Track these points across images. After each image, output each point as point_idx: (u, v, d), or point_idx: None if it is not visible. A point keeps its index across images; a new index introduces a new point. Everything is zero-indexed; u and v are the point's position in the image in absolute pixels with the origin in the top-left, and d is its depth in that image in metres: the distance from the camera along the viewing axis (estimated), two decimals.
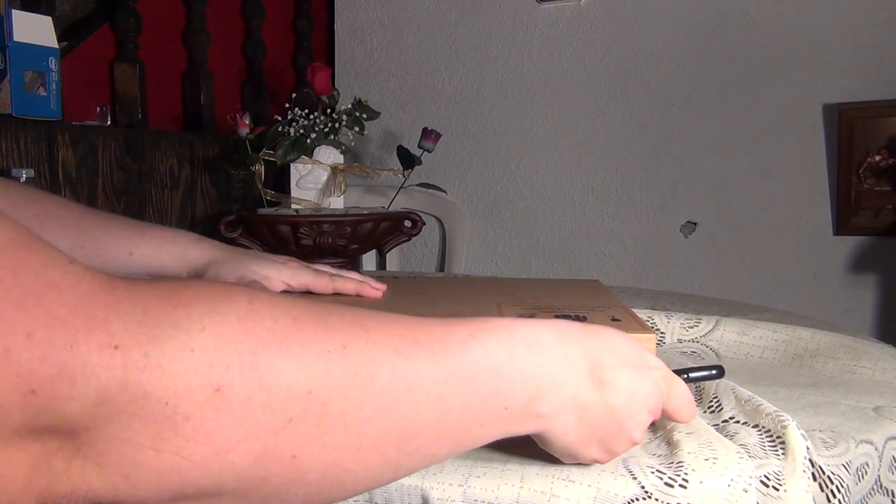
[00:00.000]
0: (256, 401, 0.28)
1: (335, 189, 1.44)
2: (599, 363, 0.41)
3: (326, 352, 0.31)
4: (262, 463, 0.29)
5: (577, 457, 0.43)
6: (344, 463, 0.32)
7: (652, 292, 1.08)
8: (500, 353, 0.37)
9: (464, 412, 0.35)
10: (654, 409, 0.43)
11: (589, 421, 0.40)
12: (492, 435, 0.38)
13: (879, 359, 0.68)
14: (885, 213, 1.58)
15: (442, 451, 0.36)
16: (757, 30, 1.68)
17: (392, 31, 2.04)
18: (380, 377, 0.32)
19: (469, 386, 0.36)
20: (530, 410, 0.38)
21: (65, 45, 1.42)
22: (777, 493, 0.43)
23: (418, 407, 0.33)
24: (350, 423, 0.31)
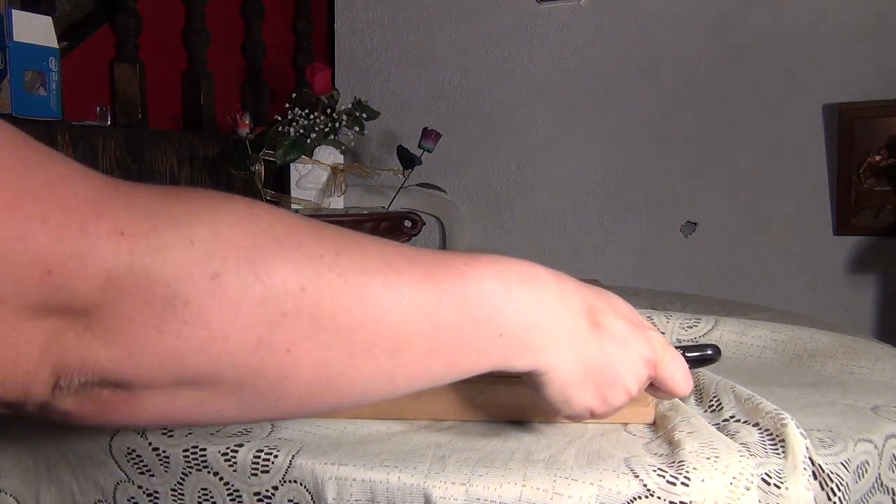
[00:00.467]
0: (252, 293, 0.30)
1: (335, 189, 1.44)
2: (596, 308, 0.41)
3: (320, 256, 0.32)
4: (258, 354, 0.30)
5: (571, 403, 0.42)
6: (336, 365, 0.33)
7: (652, 292, 1.08)
8: (495, 282, 0.38)
9: (457, 332, 0.36)
10: (649, 364, 0.43)
11: (585, 362, 0.40)
12: (486, 362, 0.38)
13: (878, 359, 0.68)
14: (885, 213, 1.58)
15: (436, 370, 0.36)
16: (757, 30, 1.68)
17: (392, 31, 2.04)
18: (372, 286, 0.33)
19: (462, 307, 0.36)
20: (526, 342, 0.38)
21: (65, 45, 1.43)
22: (778, 491, 0.43)
23: (410, 318, 0.34)
24: (342, 325, 0.32)
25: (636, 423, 0.52)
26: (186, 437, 0.51)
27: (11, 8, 1.20)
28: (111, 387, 0.30)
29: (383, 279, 0.34)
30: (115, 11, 1.55)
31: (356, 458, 0.46)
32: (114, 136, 1.40)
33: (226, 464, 0.49)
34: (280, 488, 0.47)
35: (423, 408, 0.53)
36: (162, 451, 0.50)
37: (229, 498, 0.49)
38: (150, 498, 0.51)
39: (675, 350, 0.45)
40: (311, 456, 0.47)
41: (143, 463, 0.51)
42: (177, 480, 0.50)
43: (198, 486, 0.50)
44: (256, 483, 0.48)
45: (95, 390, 0.30)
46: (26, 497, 0.58)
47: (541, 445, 0.48)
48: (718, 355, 0.51)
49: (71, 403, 0.30)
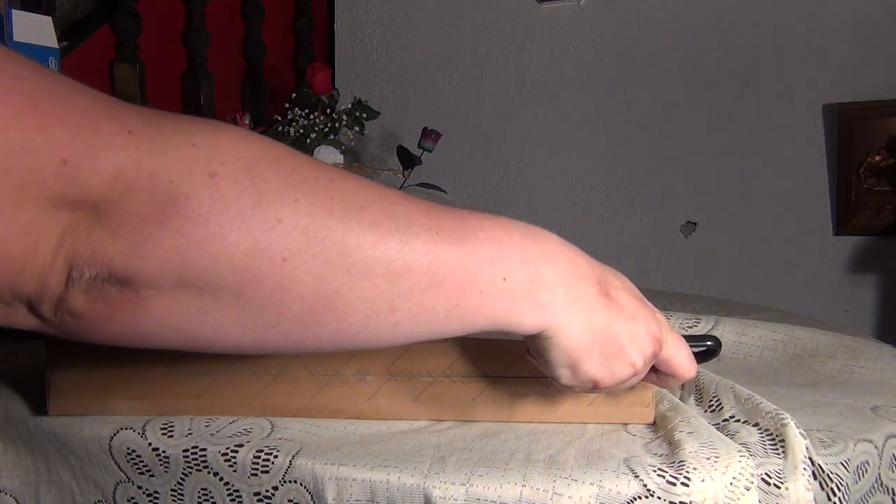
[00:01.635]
0: (248, 196, 0.31)
1: None
2: (606, 280, 0.41)
3: (315, 178, 0.33)
4: (255, 258, 0.31)
5: (577, 370, 0.41)
6: (334, 282, 0.33)
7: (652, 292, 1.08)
8: (497, 228, 0.38)
9: (458, 267, 0.36)
10: (655, 341, 0.42)
11: (594, 329, 0.40)
12: (491, 309, 0.37)
13: (878, 358, 0.68)
14: (885, 213, 1.58)
15: (439, 308, 0.36)
16: (757, 30, 1.68)
17: (392, 31, 2.04)
18: (367, 210, 0.34)
19: (463, 244, 0.36)
20: (532, 294, 0.38)
21: (65, 45, 1.42)
22: (779, 492, 0.43)
23: (409, 246, 0.34)
24: (337, 241, 0.33)
25: (636, 423, 0.52)
26: (186, 438, 0.51)
27: (11, 8, 1.20)
28: (118, 285, 0.31)
29: (379, 207, 0.34)
30: (115, 11, 1.55)
31: (356, 458, 0.46)
32: None
33: (226, 464, 0.49)
34: (280, 488, 0.47)
35: (423, 408, 0.53)
36: (162, 452, 0.50)
37: (229, 498, 0.49)
38: (150, 498, 0.51)
39: (680, 336, 0.45)
40: (311, 456, 0.47)
41: (142, 463, 0.51)
42: (177, 481, 0.50)
43: (198, 487, 0.50)
44: (256, 483, 0.48)
45: (105, 288, 0.31)
46: (26, 497, 0.58)
47: (541, 446, 0.48)
48: (719, 347, 0.51)
49: (83, 302, 0.31)
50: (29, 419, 0.57)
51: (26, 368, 0.62)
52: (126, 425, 0.52)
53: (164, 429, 0.52)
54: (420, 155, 1.52)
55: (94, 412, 0.55)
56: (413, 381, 0.52)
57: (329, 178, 0.34)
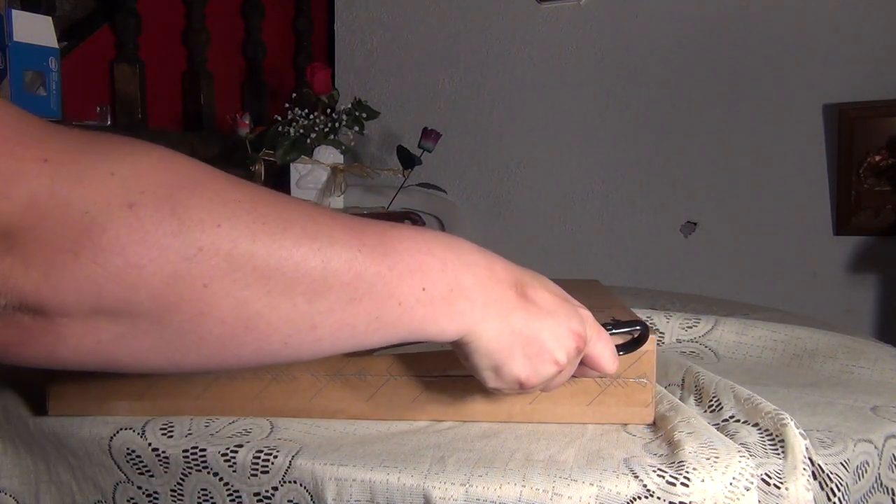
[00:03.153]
0: (167, 225, 0.31)
1: (335, 189, 1.44)
2: (523, 282, 0.42)
3: (237, 201, 0.33)
4: (174, 286, 0.31)
5: (500, 372, 0.42)
6: (254, 304, 0.33)
7: (652, 292, 1.08)
8: (417, 240, 0.39)
9: (378, 281, 0.36)
10: (577, 337, 0.43)
11: (512, 330, 0.41)
12: (412, 319, 0.38)
13: (878, 359, 0.68)
14: (885, 213, 1.58)
15: (359, 323, 0.36)
16: (757, 30, 1.68)
17: (392, 31, 2.04)
18: (290, 231, 0.34)
19: (384, 259, 0.37)
20: (451, 302, 0.39)
21: (65, 45, 1.43)
22: (778, 492, 0.43)
23: (329, 264, 0.35)
24: (259, 265, 0.33)
25: (636, 423, 0.52)
26: (186, 438, 0.51)
27: (11, 8, 1.20)
28: (30, 313, 0.31)
29: (302, 227, 0.35)
30: (115, 11, 1.55)
31: (356, 459, 0.46)
32: None
33: (225, 464, 0.49)
34: (280, 489, 0.47)
35: (423, 408, 0.53)
36: (161, 452, 0.50)
37: (229, 498, 0.49)
38: (150, 498, 0.51)
39: (605, 330, 0.46)
40: (310, 456, 0.47)
41: (142, 463, 0.51)
42: (176, 481, 0.50)
43: (197, 487, 0.50)
44: (256, 483, 0.48)
45: (17, 316, 0.31)
46: (26, 497, 0.58)
47: (540, 446, 0.48)
48: (647, 331, 0.51)
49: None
50: (29, 419, 0.57)
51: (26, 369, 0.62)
52: (126, 425, 0.52)
53: (163, 429, 0.52)
54: (420, 155, 1.52)
55: (93, 412, 0.55)
56: (413, 381, 0.52)
57: (252, 201, 0.34)
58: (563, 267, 1.90)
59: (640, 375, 0.51)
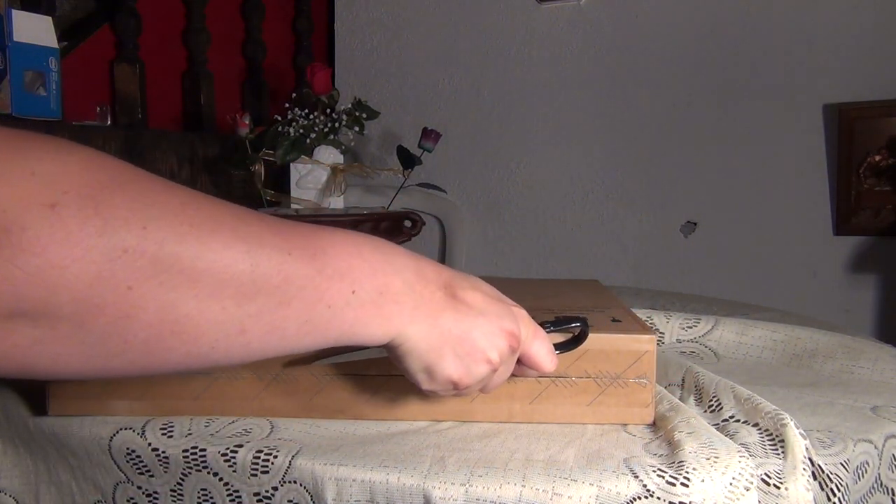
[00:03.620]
0: (91, 226, 0.30)
1: (335, 189, 1.44)
2: (453, 283, 0.43)
3: (164, 203, 0.33)
4: (97, 288, 0.31)
5: (432, 373, 0.42)
6: (181, 308, 0.33)
7: (652, 292, 1.08)
8: (347, 243, 0.39)
9: (308, 285, 0.36)
10: (510, 336, 0.43)
11: (442, 331, 0.41)
12: (342, 322, 0.38)
13: (878, 359, 0.68)
14: (885, 213, 1.58)
15: (290, 326, 0.36)
16: (757, 30, 1.68)
17: (392, 31, 2.04)
18: (219, 233, 0.34)
19: (313, 261, 0.37)
20: (380, 305, 0.39)
21: (65, 45, 1.42)
22: (778, 492, 0.43)
23: (259, 268, 0.34)
24: (186, 267, 0.32)
25: (636, 423, 0.52)
26: (186, 438, 0.51)
27: (11, 8, 1.20)
28: None
29: (231, 229, 0.34)
30: (115, 11, 1.55)
31: (356, 459, 0.46)
32: (114, 136, 1.40)
33: (225, 464, 0.49)
34: (280, 489, 0.47)
35: (423, 408, 0.53)
36: (161, 452, 0.50)
37: (229, 498, 0.49)
38: (150, 498, 0.51)
39: (541, 329, 0.46)
40: (310, 456, 0.47)
41: (142, 463, 0.51)
42: (176, 481, 0.50)
43: (197, 487, 0.50)
44: (256, 483, 0.48)
45: None
46: (26, 497, 0.58)
47: (540, 446, 0.48)
48: (587, 328, 0.51)
49: None
50: (29, 419, 0.57)
51: None
52: (126, 425, 0.52)
53: (163, 429, 0.52)
54: (420, 155, 1.52)
55: (93, 412, 0.55)
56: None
57: (181, 203, 0.33)
58: (563, 267, 1.90)
59: (639, 376, 0.52)
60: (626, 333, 0.52)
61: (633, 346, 0.51)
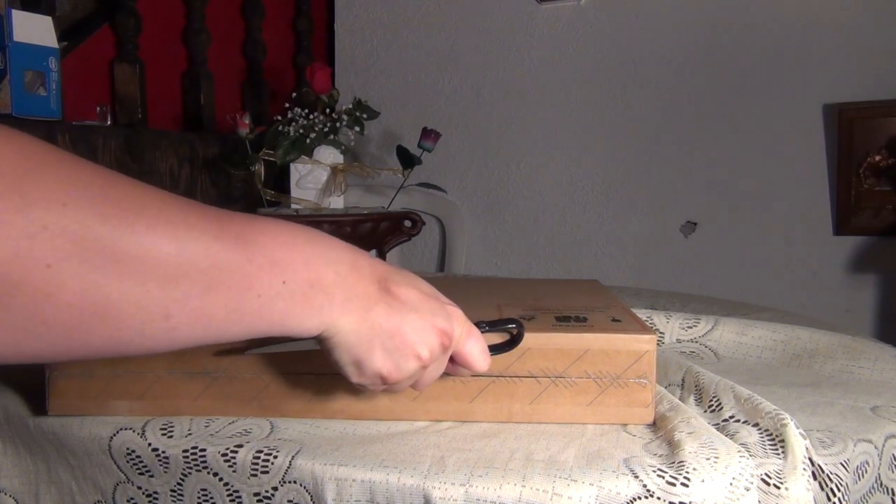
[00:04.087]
0: (9, 202, 0.30)
1: (335, 189, 1.44)
2: (388, 278, 0.42)
3: (88, 183, 0.32)
4: (16, 265, 0.30)
5: (361, 366, 0.42)
6: (104, 289, 0.32)
7: (652, 292, 1.08)
8: (279, 234, 0.38)
9: (237, 272, 0.36)
10: (442, 334, 0.43)
11: (372, 325, 0.41)
12: (272, 312, 0.37)
13: (878, 359, 0.68)
14: (885, 213, 1.58)
15: (217, 313, 0.36)
16: (757, 30, 1.68)
17: (392, 31, 2.04)
18: (144, 214, 0.33)
19: (245, 249, 0.36)
20: (311, 297, 0.38)
21: (65, 45, 1.42)
22: (778, 492, 0.43)
23: (185, 251, 0.34)
24: (107, 247, 0.32)
25: (636, 423, 0.52)
26: (186, 438, 0.51)
27: (11, 8, 1.20)
28: None
29: (157, 211, 0.34)
30: (115, 11, 1.55)
31: (355, 459, 0.46)
32: (114, 136, 1.40)
33: (225, 464, 0.49)
34: (280, 489, 0.47)
35: (423, 408, 0.53)
36: (161, 452, 0.50)
37: (229, 499, 0.49)
38: (150, 498, 0.51)
39: (476, 329, 0.46)
40: (310, 456, 0.47)
41: (142, 463, 0.51)
42: (176, 481, 0.50)
43: (197, 487, 0.50)
44: (256, 484, 0.48)
45: None
46: (26, 497, 0.58)
47: (540, 446, 0.48)
48: (523, 330, 0.51)
49: None
50: (29, 419, 0.57)
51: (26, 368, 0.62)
52: (126, 425, 0.52)
53: (163, 429, 0.52)
54: (420, 155, 1.52)
55: (93, 412, 0.55)
56: None
57: (106, 183, 0.33)
58: (563, 267, 1.90)
59: (640, 376, 0.52)
60: (626, 333, 0.52)
61: (633, 346, 0.51)
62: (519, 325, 0.51)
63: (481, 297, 0.67)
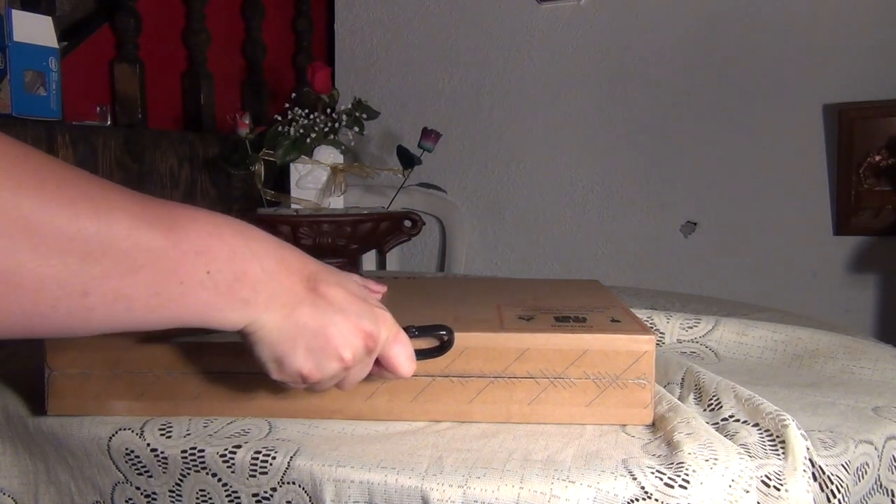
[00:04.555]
0: None
1: (335, 189, 1.44)
2: (317, 276, 0.42)
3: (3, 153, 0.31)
4: None
5: (282, 364, 0.42)
6: (17, 257, 0.32)
7: (652, 292, 1.08)
8: (207, 223, 0.38)
9: (161, 255, 0.35)
10: (367, 336, 0.43)
11: (296, 323, 0.41)
12: (195, 302, 0.37)
13: (879, 359, 0.68)
14: (885, 213, 1.58)
15: (137, 295, 0.35)
16: (757, 30, 1.68)
17: (392, 31, 2.04)
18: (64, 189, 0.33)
19: (169, 233, 0.36)
20: (236, 290, 0.38)
21: (65, 45, 1.42)
22: (778, 494, 0.43)
23: (107, 227, 0.33)
24: (24, 216, 0.31)
25: (635, 423, 0.52)
26: (185, 438, 0.51)
27: (11, 8, 1.20)
28: None
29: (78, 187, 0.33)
30: (115, 11, 1.55)
31: (354, 459, 0.46)
32: (114, 136, 1.40)
33: (224, 465, 0.49)
34: (278, 490, 0.47)
35: (422, 408, 0.53)
36: (160, 452, 0.50)
37: (228, 499, 0.49)
38: (148, 499, 0.51)
39: (404, 333, 0.46)
40: (309, 457, 0.47)
41: (141, 464, 0.51)
42: (175, 482, 0.50)
43: (196, 488, 0.50)
44: (255, 484, 0.48)
45: None
46: (25, 497, 0.58)
47: (539, 446, 0.48)
48: (452, 336, 0.50)
49: None
50: (28, 419, 0.57)
51: (26, 368, 0.62)
52: (124, 426, 0.52)
53: (162, 429, 0.52)
54: (420, 155, 1.51)
55: (92, 412, 0.55)
56: (411, 381, 0.52)
57: (24, 155, 0.32)
58: (563, 267, 1.90)
59: (639, 376, 0.51)
60: (625, 334, 0.52)
61: (632, 346, 0.51)
62: (449, 332, 0.51)
63: (481, 297, 0.67)
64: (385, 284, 0.71)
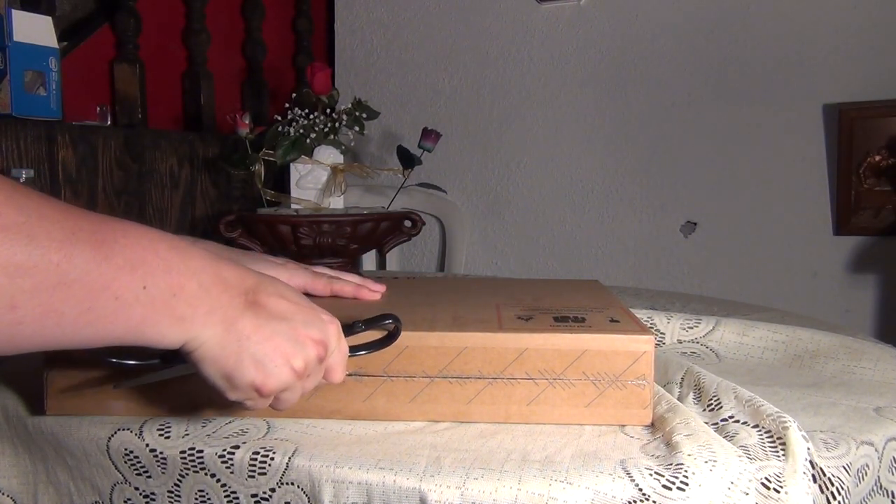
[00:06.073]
0: None
1: (335, 189, 1.44)
2: (256, 289, 0.41)
3: None
4: None
5: (233, 378, 0.41)
6: None
7: (652, 292, 1.08)
8: (141, 238, 0.37)
9: (93, 269, 0.35)
10: (317, 344, 0.42)
11: (239, 335, 0.40)
12: (129, 317, 0.36)
13: (880, 359, 0.68)
14: (885, 213, 1.58)
15: (68, 310, 0.34)
16: (757, 30, 1.68)
17: (392, 31, 2.04)
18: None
19: (101, 247, 0.35)
20: (172, 306, 0.38)
21: (65, 45, 1.42)
22: (778, 496, 0.43)
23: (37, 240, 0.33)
24: None
25: (634, 424, 0.52)
26: (183, 439, 0.51)
27: (11, 8, 1.20)
28: None
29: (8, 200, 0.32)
30: (115, 11, 1.55)
31: (352, 460, 0.46)
32: (114, 136, 1.40)
33: (223, 465, 0.48)
34: (277, 490, 0.47)
35: (420, 408, 0.53)
36: (159, 453, 0.50)
37: (226, 500, 0.49)
38: (147, 499, 0.51)
39: (344, 341, 0.46)
40: (307, 457, 0.47)
41: (140, 464, 0.51)
42: (174, 482, 0.50)
43: (195, 488, 0.49)
44: (254, 485, 0.48)
45: None
46: (24, 497, 0.58)
47: (537, 447, 0.48)
48: (400, 325, 0.50)
49: None
50: (27, 419, 0.57)
51: (25, 369, 0.62)
52: (123, 426, 0.52)
53: (161, 430, 0.52)
54: (420, 155, 1.51)
55: (91, 412, 0.55)
56: (410, 381, 0.52)
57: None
58: (563, 267, 1.90)
59: (638, 377, 0.51)
60: (624, 334, 0.51)
61: (631, 346, 0.51)
62: (396, 321, 0.50)
63: (481, 297, 0.67)
64: (384, 284, 0.71)
